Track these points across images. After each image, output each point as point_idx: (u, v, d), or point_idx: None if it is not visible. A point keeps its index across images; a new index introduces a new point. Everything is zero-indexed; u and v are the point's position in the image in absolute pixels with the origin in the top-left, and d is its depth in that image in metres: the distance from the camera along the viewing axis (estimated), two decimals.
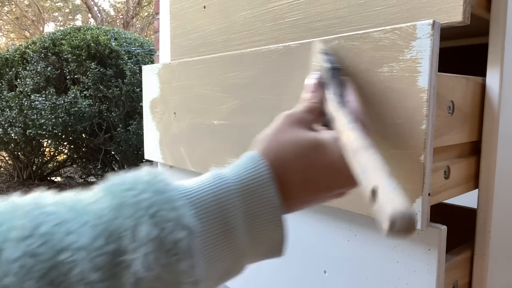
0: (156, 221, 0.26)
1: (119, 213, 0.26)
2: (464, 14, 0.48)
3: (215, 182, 0.32)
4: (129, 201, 0.27)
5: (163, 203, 0.27)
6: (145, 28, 9.30)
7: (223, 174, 0.33)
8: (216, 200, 0.31)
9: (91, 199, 0.27)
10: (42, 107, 2.90)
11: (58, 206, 0.26)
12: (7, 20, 10.02)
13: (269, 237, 0.33)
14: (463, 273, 0.58)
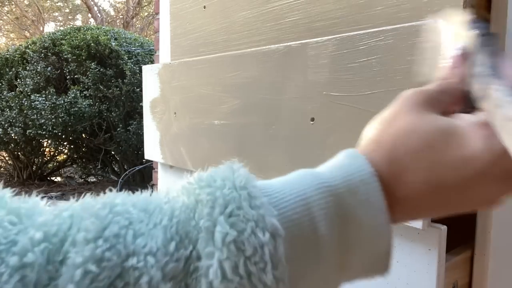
0: (233, 221, 0.22)
1: (193, 213, 0.23)
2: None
3: (305, 181, 0.27)
4: (204, 199, 0.23)
5: (242, 200, 0.23)
6: (145, 28, 9.30)
7: (315, 173, 0.28)
8: (303, 200, 0.25)
9: (165, 199, 0.25)
10: (42, 107, 2.90)
11: (128, 206, 0.23)
12: (7, 20, 10.02)
13: (369, 249, 0.26)
14: (463, 273, 0.58)
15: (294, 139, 0.62)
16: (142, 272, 0.20)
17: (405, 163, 0.27)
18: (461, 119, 0.27)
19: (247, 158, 0.71)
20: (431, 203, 0.27)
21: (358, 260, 0.26)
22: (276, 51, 0.64)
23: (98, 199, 0.23)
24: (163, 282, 0.20)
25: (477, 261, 0.59)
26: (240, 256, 0.21)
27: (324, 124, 0.57)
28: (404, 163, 0.27)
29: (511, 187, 0.26)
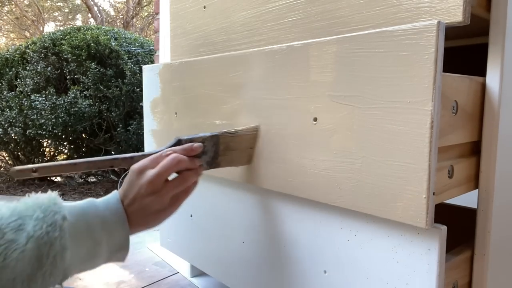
0: (44, 209, 0.46)
1: (28, 212, 0.46)
2: (464, 14, 0.49)
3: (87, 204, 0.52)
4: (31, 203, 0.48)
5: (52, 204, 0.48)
6: (145, 28, 9.29)
7: (94, 204, 0.52)
8: (83, 210, 0.51)
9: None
10: (42, 107, 2.90)
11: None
12: (7, 20, 10.01)
13: (115, 240, 0.51)
14: (463, 273, 0.58)
15: (296, 139, 0.62)
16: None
17: (125, 192, 0.56)
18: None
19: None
20: (140, 209, 0.54)
21: (111, 243, 0.51)
22: (278, 51, 0.64)
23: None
24: (10, 233, 0.44)
25: (477, 261, 0.59)
26: (45, 223, 0.46)
27: (327, 124, 0.57)
28: (125, 193, 0.55)
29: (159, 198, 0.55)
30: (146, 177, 0.54)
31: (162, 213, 0.56)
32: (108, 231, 0.50)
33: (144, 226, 0.55)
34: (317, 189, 0.59)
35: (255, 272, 0.77)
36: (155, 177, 0.54)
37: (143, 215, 0.54)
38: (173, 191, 0.57)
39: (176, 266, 1.23)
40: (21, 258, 0.42)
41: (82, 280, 1.16)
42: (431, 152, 0.45)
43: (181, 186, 0.57)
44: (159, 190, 0.54)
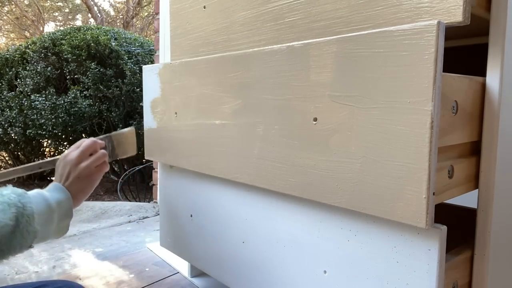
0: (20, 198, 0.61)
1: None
2: (464, 14, 0.49)
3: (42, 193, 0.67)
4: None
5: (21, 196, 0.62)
6: (145, 28, 9.29)
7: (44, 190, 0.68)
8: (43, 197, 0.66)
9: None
10: (42, 107, 2.90)
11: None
12: (7, 20, 10.01)
13: (63, 208, 0.67)
14: (463, 273, 0.58)
15: (296, 139, 0.62)
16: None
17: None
18: None
19: (248, 158, 0.71)
20: (73, 183, 0.72)
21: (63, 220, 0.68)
22: (278, 51, 0.64)
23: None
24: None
25: (477, 261, 0.59)
26: (16, 206, 0.60)
27: (327, 124, 0.57)
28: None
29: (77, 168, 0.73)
30: (74, 154, 0.75)
31: (92, 178, 0.75)
32: (57, 201, 0.67)
33: (82, 192, 0.73)
34: (317, 189, 0.59)
35: (255, 272, 0.77)
36: (81, 152, 0.75)
37: (78, 183, 0.72)
38: (95, 162, 0.76)
39: (176, 266, 1.23)
40: (6, 218, 0.57)
41: (82, 280, 1.16)
42: (431, 152, 0.45)
43: (101, 159, 0.77)
44: (85, 161, 0.74)
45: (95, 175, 0.76)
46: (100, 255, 1.37)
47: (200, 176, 0.90)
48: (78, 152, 0.75)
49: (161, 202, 1.08)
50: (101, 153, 0.78)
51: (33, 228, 0.61)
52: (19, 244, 0.60)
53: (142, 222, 1.83)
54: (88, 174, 0.74)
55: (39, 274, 1.22)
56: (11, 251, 0.60)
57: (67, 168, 0.73)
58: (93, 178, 0.75)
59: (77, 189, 0.72)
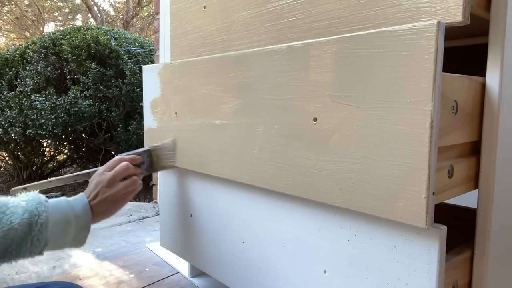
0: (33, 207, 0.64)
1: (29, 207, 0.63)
2: (464, 14, 0.49)
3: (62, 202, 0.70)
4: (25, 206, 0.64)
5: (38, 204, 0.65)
6: (145, 28, 9.29)
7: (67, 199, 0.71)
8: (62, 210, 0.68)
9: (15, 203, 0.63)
10: (42, 107, 2.90)
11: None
12: (7, 20, 10.00)
13: (81, 222, 0.69)
14: (463, 273, 0.58)
15: (296, 139, 0.62)
16: (10, 221, 0.60)
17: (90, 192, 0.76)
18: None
19: (248, 158, 0.71)
20: (100, 204, 0.74)
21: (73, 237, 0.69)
22: (278, 51, 0.64)
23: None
24: (18, 224, 0.60)
25: (477, 261, 0.59)
26: (31, 213, 0.63)
27: (327, 124, 0.57)
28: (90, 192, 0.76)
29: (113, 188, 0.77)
30: (106, 176, 0.77)
31: (117, 204, 0.77)
32: (75, 214, 0.69)
33: (104, 214, 0.75)
34: (317, 189, 0.59)
35: (255, 272, 0.77)
36: (112, 176, 0.77)
37: (103, 205, 0.74)
38: (125, 189, 0.78)
39: (176, 266, 1.23)
40: (20, 223, 0.60)
41: (82, 280, 1.16)
42: (431, 152, 0.45)
43: (131, 186, 0.79)
44: (115, 187, 0.76)
45: (121, 201, 0.78)
46: (100, 255, 1.37)
47: (200, 176, 0.90)
48: (110, 176, 0.77)
49: (161, 202, 1.08)
50: (132, 181, 0.79)
51: (45, 236, 0.63)
52: (29, 251, 0.62)
53: (142, 222, 1.83)
54: (113, 200, 0.76)
55: (39, 274, 1.22)
56: (19, 256, 0.62)
57: (98, 188, 0.75)
58: (119, 204, 0.78)
59: (100, 211, 0.74)
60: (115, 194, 0.76)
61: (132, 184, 0.79)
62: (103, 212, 0.75)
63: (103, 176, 0.77)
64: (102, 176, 0.77)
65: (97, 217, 0.74)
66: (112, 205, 0.76)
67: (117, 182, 0.77)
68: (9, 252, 0.60)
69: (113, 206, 0.76)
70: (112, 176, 0.77)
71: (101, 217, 0.75)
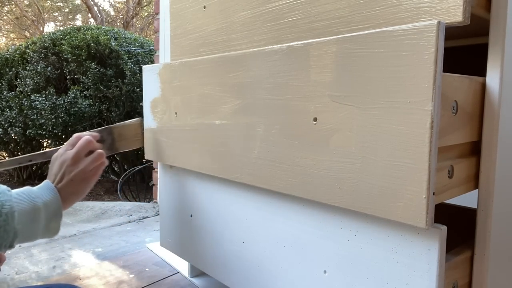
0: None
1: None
2: (464, 14, 0.49)
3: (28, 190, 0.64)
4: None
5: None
6: (145, 28, 9.29)
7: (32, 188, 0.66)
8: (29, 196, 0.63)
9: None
10: (42, 107, 2.90)
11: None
12: (7, 20, 10.01)
13: (50, 208, 0.64)
14: (463, 273, 0.58)
15: (296, 139, 0.62)
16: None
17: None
18: None
19: (248, 158, 0.71)
20: (62, 181, 0.69)
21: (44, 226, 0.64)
22: (278, 51, 0.64)
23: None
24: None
25: (477, 261, 0.59)
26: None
27: (327, 124, 0.57)
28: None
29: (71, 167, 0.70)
30: (69, 154, 0.71)
31: (87, 182, 0.71)
32: (43, 201, 0.64)
33: (75, 195, 0.69)
34: (317, 189, 0.59)
35: (255, 272, 0.77)
36: (76, 153, 0.71)
37: (72, 185, 0.69)
38: (92, 163, 0.72)
39: (176, 266, 1.23)
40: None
41: (82, 280, 1.16)
42: (431, 152, 0.45)
43: (98, 160, 0.73)
44: (81, 163, 0.71)
45: (91, 178, 0.72)
46: (100, 255, 1.37)
47: (200, 176, 0.90)
48: (73, 153, 0.71)
49: (161, 202, 1.08)
50: (98, 154, 0.73)
51: (12, 227, 0.59)
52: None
53: (142, 222, 1.83)
54: (83, 178, 0.70)
55: (39, 274, 1.22)
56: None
57: (62, 169, 0.69)
58: (88, 181, 0.72)
59: (69, 192, 0.68)
60: (83, 171, 0.70)
61: (99, 157, 0.73)
62: (73, 193, 0.69)
63: (66, 155, 0.71)
64: (65, 155, 0.71)
65: (68, 200, 0.68)
66: (82, 184, 0.70)
67: (82, 158, 0.71)
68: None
69: (83, 184, 0.70)
70: (76, 152, 0.71)
71: (72, 199, 0.69)
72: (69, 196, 0.68)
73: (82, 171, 0.70)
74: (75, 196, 0.70)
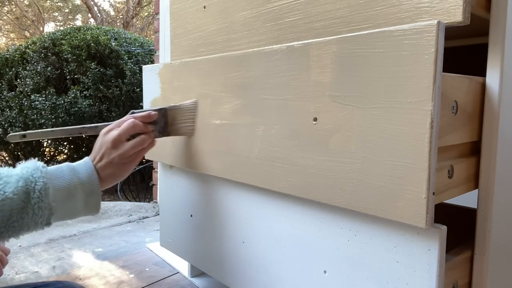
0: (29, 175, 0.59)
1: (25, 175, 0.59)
2: (464, 14, 0.49)
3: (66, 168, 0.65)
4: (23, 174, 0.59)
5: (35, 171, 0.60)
6: (145, 28, 9.29)
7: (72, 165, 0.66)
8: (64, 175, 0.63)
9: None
10: (42, 107, 2.90)
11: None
12: (7, 20, 10.01)
13: (87, 186, 0.64)
14: (463, 273, 0.58)
15: (296, 139, 0.62)
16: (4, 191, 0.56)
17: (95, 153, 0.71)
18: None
19: (248, 158, 0.71)
20: (106, 164, 0.69)
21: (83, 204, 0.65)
22: (278, 51, 0.64)
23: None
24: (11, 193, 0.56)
25: (477, 261, 0.59)
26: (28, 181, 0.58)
27: (327, 124, 0.57)
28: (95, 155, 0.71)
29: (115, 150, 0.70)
30: (110, 136, 0.70)
31: (125, 166, 0.71)
32: (79, 178, 0.64)
33: (113, 177, 0.70)
34: (317, 189, 0.59)
35: (255, 272, 0.77)
36: (117, 136, 0.70)
37: (110, 167, 0.69)
38: (133, 149, 0.71)
39: (176, 266, 1.23)
40: (16, 193, 0.56)
41: (82, 280, 1.16)
42: (431, 152, 0.45)
43: (139, 146, 0.72)
44: (121, 147, 0.70)
45: (129, 163, 0.72)
46: (100, 255, 1.37)
47: (200, 176, 0.90)
48: (114, 135, 0.70)
49: (161, 202, 1.08)
50: (140, 140, 0.72)
51: (47, 204, 0.58)
52: (33, 221, 0.57)
53: (142, 222, 1.83)
54: (121, 162, 0.70)
55: (39, 274, 1.22)
56: (24, 228, 0.57)
57: (103, 149, 0.69)
58: (126, 165, 0.71)
59: (107, 174, 0.69)
60: (122, 156, 0.69)
61: (140, 143, 0.72)
62: (111, 175, 0.69)
63: (108, 136, 0.71)
64: (107, 136, 0.71)
65: (106, 180, 0.69)
66: (120, 168, 0.70)
67: (122, 143, 0.70)
68: (12, 225, 0.56)
69: (121, 168, 0.70)
70: (117, 135, 0.70)
71: (110, 181, 0.70)
72: (107, 178, 0.69)
73: (121, 155, 0.70)
74: (113, 179, 0.70)
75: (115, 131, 0.71)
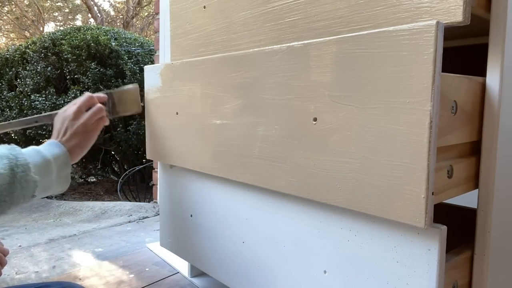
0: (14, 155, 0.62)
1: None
2: (464, 14, 0.49)
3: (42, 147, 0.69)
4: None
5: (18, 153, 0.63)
6: (145, 28, 9.30)
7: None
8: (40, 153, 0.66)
9: None
10: (42, 107, 2.90)
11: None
12: (7, 20, 10.01)
13: (59, 159, 0.68)
14: (463, 273, 0.58)
15: (296, 139, 0.62)
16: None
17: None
18: None
19: (248, 158, 0.71)
20: (70, 137, 0.73)
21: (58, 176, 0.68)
22: (278, 51, 0.64)
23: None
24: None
25: (477, 261, 0.59)
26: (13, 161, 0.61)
27: (327, 124, 0.57)
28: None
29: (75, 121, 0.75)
30: (71, 110, 0.76)
31: (90, 134, 0.76)
32: (51, 153, 0.67)
33: (80, 147, 0.74)
34: (317, 189, 0.59)
35: (255, 272, 0.77)
36: (77, 108, 0.75)
37: (75, 138, 0.73)
38: (94, 116, 0.76)
39: (176, 266, 1.23)
40: (3, 168, 0.59)
41: (82, 280, 1.16)
42: (430, 152, 0.45)
43: (98, 113, 0.77)
44: (82, 117, 0.75)
45: (92, 131, 0.76)
46: (100, 255, 1.37)
47: (200, 176, 0.90)
48: (75, 108, 0.75)
49: (161, 202, 1.08)
50: (98, 108, 0.77)
51: (31, 177, 0.62)
52: (22, 195, 0.61)
53: (142, 222, 1.83)
54: (85, 130, 0.74)
55: (39, 274, 1.22)
56: (14, 202, 0.61)
57: (65, 124, 0.74)
58: (90, 133, 0.76)
59: (74, 144, 0.72)
60: (85, 124, 0.75)
61: (99, 110, 0.78)
62: (78, 146, 0.73)
63: (68, 111, 0.76)
64: (66, 112, 0.76)
65: (74, 152, 0.73)
66: (85, 136, 0.75)
67: (83, 113, 0.76)
68: (3, 200, 0.59)
69: (87, 136, 0.75)
70: (77, 107, 0.76)
71: (77, 152, 0.74)
72: (74, 149, 0.73)
73: (84, 124, 0.74)
74: (79, 149, 0.74)
75: (74, 105, 0.76)
